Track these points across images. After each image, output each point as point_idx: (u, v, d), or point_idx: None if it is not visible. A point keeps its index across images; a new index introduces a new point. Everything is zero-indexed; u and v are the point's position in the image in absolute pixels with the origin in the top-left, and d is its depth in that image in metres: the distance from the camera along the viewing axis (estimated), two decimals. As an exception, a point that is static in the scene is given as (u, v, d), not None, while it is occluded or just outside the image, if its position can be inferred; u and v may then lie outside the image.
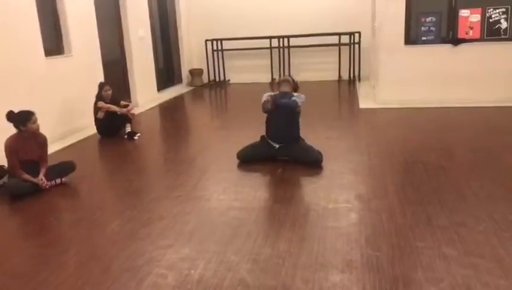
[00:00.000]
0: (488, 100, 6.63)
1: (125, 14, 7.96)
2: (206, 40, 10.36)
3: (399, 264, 2.61)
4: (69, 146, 5.64)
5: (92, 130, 6.11)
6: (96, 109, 5.91)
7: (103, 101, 5.88)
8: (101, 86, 5.96)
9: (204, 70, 10.77)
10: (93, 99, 5.95)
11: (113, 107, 5.90)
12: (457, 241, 2.82)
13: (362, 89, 8.79)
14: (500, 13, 6.68)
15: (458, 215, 3.19)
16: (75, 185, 4.24)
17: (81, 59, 6.42)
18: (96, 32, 6.89)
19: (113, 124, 5.93)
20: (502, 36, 6.73)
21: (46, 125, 4.45)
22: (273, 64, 10.27)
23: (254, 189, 3.88)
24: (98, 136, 6.02)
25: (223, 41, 10.35)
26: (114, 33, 7.87)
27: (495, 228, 2.96)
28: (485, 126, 5.74)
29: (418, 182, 3.88)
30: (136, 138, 5.85)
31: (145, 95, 8.48)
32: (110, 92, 5.95)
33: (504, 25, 6.70)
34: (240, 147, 4.55)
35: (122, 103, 6.15)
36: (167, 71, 10.21)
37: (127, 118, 5.97)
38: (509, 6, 6.63)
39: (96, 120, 5.97)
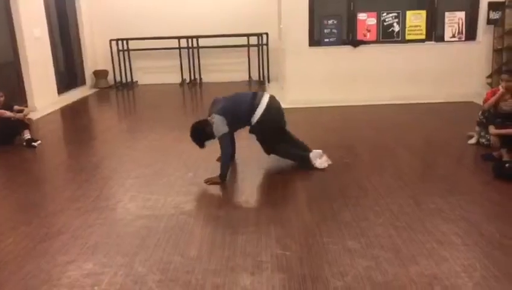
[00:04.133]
0: (386, 98, 7.10)
1: (17, 12, 7.30)
2: (111, 40, 9.90)
3: (307, 261, 2.67)
4: (-48, 158, 5.06)
5: (-18, 139, 5.53)
6: (-14, 117, 5.37)
7: (-6, 107, 5.36)
8: None
9: (110, 72, 10.29)
10: (-18, 105, 5.40)
11: (7, 113, 5.41)
12: (360, 235, 2.96)
13: (271, 90, 8.94)
14: (393, 17, 7.20)
15: (361, 210, 3.36)
16: (-41, 201, 3.81)
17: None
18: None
19: (7, 132, 5.42)
20: (395, 39, 7.26)
21: None
22: (183, 65, 10.11)
23: (163, 195, 3.76)
24: (-11, 145, 5.47)
25: (129, 41, 9.96)
26: (5, 33, 7.21)
27: (392, 220, 3.16)
28: (383, 123, 6.13)
29: (324, 179, 4.03)
30: (35, 145, 5.40)
31: (44, 98, 7.88)
32: (2, 99, 5.45)
33: (396, 28, 7.23)
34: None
35: (16, 107, 5.65)
36: (69, 73, 9.58)
37: (23, 124, 5.49)
38: (400, 12, 7.17)
39: (-13, 129, 5.42)
